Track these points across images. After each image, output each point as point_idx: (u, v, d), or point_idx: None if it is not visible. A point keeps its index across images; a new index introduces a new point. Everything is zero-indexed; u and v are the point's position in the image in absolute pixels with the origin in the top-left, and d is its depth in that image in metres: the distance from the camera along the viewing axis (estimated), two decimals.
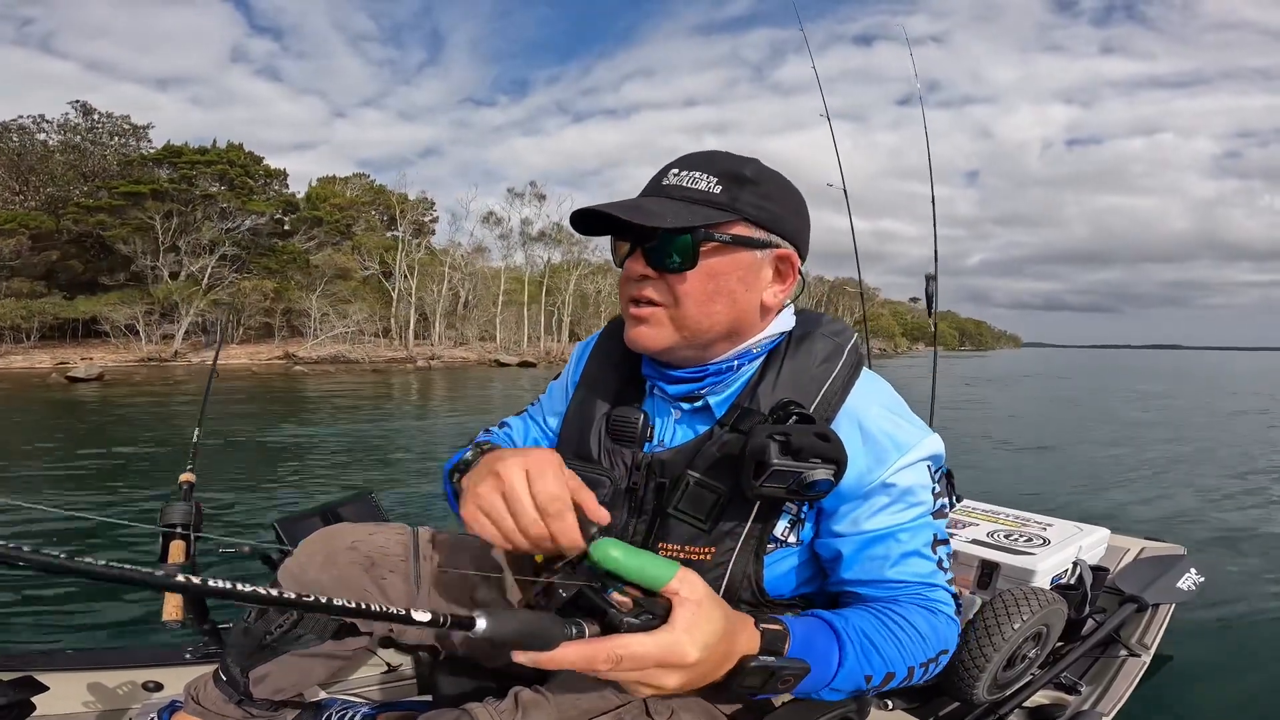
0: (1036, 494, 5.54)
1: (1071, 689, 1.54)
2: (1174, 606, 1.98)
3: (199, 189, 32.62)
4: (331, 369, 25.73)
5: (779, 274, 0.85)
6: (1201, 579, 2.10)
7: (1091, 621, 1.72)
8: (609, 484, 0.89)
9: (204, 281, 31.17)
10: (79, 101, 33.66)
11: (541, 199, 46.03)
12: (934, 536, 0.83)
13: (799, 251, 0.86)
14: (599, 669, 0.56)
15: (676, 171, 0.82)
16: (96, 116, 33.94)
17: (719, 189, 0.79)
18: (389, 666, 1.39)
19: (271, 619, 0.94)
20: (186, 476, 1.59)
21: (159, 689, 1.32)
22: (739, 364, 0.86)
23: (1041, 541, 1.81)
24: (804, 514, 0.84)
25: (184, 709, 1.02)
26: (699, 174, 0.81)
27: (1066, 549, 1.78)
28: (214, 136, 44.73)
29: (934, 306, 2.77)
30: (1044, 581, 1.66)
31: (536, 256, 46.83)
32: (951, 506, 2.18)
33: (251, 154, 36.35)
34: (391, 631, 0.96)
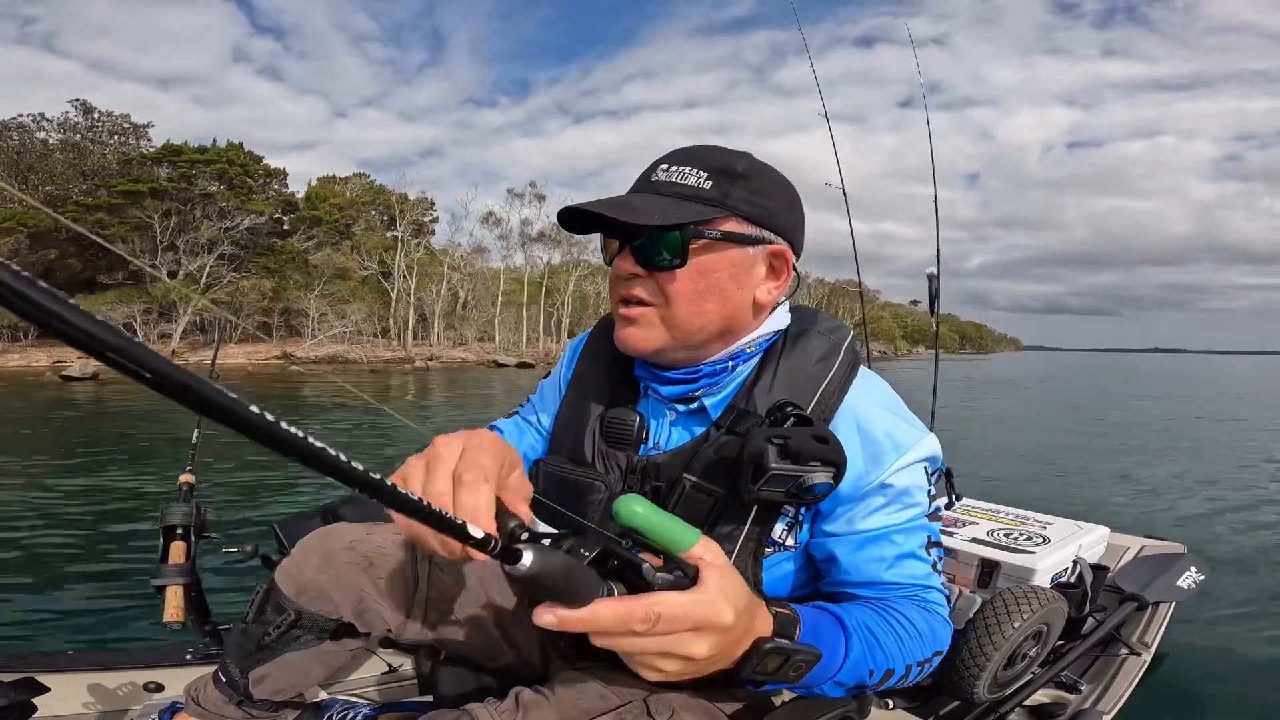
0: (1036, 493, 5.53)
1: (1072, 687, 1.54)
2: (1174, 605, 1.98)
3: (198, 188, 32.60)
4: (329, 369, 25.69)
5: (773, 271, 0.83)
6: (1202, 577, 2.10)
7: (1092, 620, 1.71)
8: (604, 489, 0.87)
9: (202, 280, 31.14)
10: (79, 100, 33.76)
11: (541, 200, 46.10)
12: (928, 538, 0.83)
13: (793, 247, 0.83)
14: (635, 629, 0.53)
15: (666, 167, 0.80)
16: (96, 115, 33.99)
17: (709, 184, 0.77)
18: (389, 667, 1.39)
19: (270, 619, 0.94)
20: (186, 477, 1.59)
21: (160, 690, 1.32)
22: (734, 364, 0.84)
23: (1041, 540, 1.81)
24: (801, 516, 0.83)
25: (184, 710, 1.02)
26: (689, 169, 0.79)
27: (1066, 547, 1.78)
28: (214, 136, 44.77)
29: (936, 305, 2.69)
30: (1044, 580, 1.66)
31: (536, 257, 46.92)
32: (951, 505, 2.18)
33: (251, 153, 36.36)
34: (390, 632, 0.96)
